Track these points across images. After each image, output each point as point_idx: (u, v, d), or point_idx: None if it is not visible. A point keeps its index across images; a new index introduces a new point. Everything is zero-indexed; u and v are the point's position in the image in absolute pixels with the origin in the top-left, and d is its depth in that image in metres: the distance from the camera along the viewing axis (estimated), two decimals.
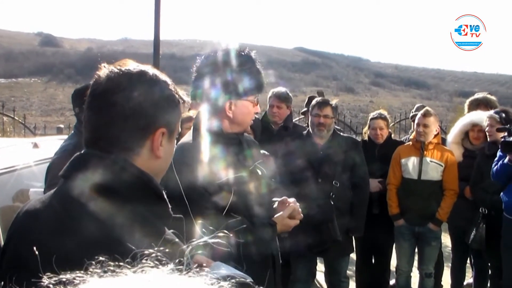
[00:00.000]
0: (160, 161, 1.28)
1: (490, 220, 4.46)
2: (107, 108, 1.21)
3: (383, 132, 4.98)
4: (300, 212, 2.46)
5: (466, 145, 4.89)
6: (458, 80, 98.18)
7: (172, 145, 1.34)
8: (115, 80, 1.21)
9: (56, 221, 1.14)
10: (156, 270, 0.72)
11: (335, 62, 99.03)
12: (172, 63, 59.36)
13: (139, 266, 0.73)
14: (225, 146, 2.36)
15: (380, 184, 4.82)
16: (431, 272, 4.77)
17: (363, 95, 70.23)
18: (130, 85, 1.21)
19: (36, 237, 1.11)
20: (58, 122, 22.39)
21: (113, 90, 1.21)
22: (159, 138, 1.24)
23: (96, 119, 1.24)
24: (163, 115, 1.25)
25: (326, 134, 4.32)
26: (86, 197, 1.13)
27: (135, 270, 0.72)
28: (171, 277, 0.70)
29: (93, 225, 1.09)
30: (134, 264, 0.74)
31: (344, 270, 4.63)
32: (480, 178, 4.56)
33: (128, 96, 1.20)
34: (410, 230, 4.72)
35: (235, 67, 2.29)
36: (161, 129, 1.24)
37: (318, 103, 4.36)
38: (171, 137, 1.30)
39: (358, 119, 29.89)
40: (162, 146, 1.26)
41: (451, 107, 44.83)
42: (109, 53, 69.64)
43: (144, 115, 1.21)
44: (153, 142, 1.24)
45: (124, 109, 1.19)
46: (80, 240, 1.06)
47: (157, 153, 1.25)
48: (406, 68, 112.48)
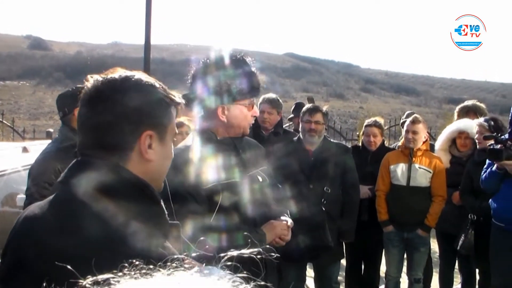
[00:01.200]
0: (153, 164, 1.30)
1: (479, 226, 4.50)
2: (94, 116, 1.25)
3: (376, 139, 5.02)
4: (288, 234, 2.44)
5: (454, 152, 4.94)
6: (447, 87, 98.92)
7: (167, 148, 1.34)
8: (99, 88, 1.26)
9: (58, 225, 1.16)
10: (184, 273, 0.76)
11: (325, 68, 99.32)
12: (162, 68, 59.22)
13: (168, 269, 0.77)
14: (217, 150, 2.37)
15: (370, 191, 4.87)
16: (420, 278, 4.81)
17: (353, 101, 70.48)
18: (114, 92, 1.25)
19: (41, 240, 1.13)
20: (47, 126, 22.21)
21: (98, 98, 1.25)
22: (146, 141, 1.26)
23: (86, 127, 1.28)
24: (148, 118, 1.27)
25: (317, 140, 4.36)
26: (80, 203, 1.16)
27: (165, 273, 0.76)
28: (199, 279, 0.74)
29: (94, 229, 1.11)
30: (164, 267, 0.78)
31: (335, 275, 4.66)
32: (470, 185, 4.61)
33: (112, 103, 1.24)
34: (399, 236, 4.75)
35: (227, 71, 2.31)
36: (147, 132, 1.26)
37: (309, 109, 4.41)
38: (163, 139, 1.31)
39: (348, 125, 30.04)
40: (152, 149, 1.27)
41: (440, 113, 45.16)
42: (99, 57, 69.37)
43: (128, 120, 1.24)
44: (140, 146, 1.26)
45: (109, 116, 1.23)
46: (82, 242, 1.09)
47: (146, 156, 1.27)
48: (396, 75, 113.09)
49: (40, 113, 47.30)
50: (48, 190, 2.82)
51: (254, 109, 2.47)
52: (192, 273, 0.76)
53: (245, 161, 2.44)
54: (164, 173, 1.38)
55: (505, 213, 4.09)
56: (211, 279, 0.75)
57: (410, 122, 4.74)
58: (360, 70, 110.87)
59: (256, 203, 2.39)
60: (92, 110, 1.26)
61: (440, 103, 68.39)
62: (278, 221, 2.41)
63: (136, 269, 0.78)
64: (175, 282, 0.72)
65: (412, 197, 4.64)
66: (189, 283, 0.73)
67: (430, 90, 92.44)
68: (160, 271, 0.77)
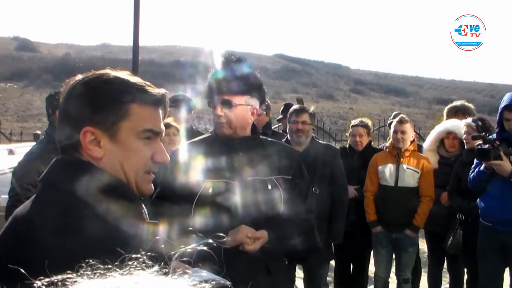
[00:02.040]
0: (106, 162, 1.27)
1: (467, 226, 4.53)
2: (60, 113, 1.31)
3: (362, 139, 5.03)
4: (251, 244, 2.28)
5: (442, 152, 4.97)
6: (437, 88, 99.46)
7: (125, 146, 1.28)
8: (67, 87, 1.31)
9: (39, 225, 1.16)
10: (143, 272, 0.76)
11: (315, 69, 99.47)
12: (151, 69, 58.95)
13: (126, 268, 0.77)
14: (212, 149, 2.41)
15: (356, 191, 4.86)
16: (408, 278, 4.82)
17: (342, 102, 70.63)
18: (72, 88, 1.28)
19: (37, 239, 1.12)
20: (35, 128, 22.08)
21: (64, 96, 1.31)
22: (86, 137, 1.24)
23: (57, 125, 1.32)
24: (88, 116, 1.24)
25: (305, 140, 4.36)
26: (52, 200, 1.19)
27: (122, 272, 0.75)
28: (156, 279, 0.74)
29: (80, 229, 1.12)
30: (122, 267, 0.78)
31: (324, 277, 4.66)
32: (458, 185, 4.63)
33: (65, 100, 1.29)
34: (387, 236, 4.76)
35: (226, 71, 2.34)
36: (85, 128, 1.24)
37: (295, 110, 4.45)
38: (114, 137, 1.27)
39: (338, 126, 30.09)
40: (100, 147, 1.25)
41: (429, 114, 45.41)
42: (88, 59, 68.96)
43: (71, 117, 1.27)
44: (82, 143, 1.25)
45: (62, 111, 1.29)
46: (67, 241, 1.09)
47: (89, 153, 1.25)
48: (386, 76, 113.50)
49: (28, 115, 46.94)
50: (32, 192, 2.79)
51: (256, 109, 2.46)
52: (151, 272, 0.76)
53: (241, 162, 2.40)
54: (135, 173, 1.31)
55: (492, 213, 4.11)
56: (169, 279, 0.75)
57: (397, 122, 4.75)
58: (350, 71, 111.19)
59: (246, 209, 2.33)
60: (61, 105, 1.32)
61: (429, 104, 68.73)
62: (246, 228, 2.29)
63: (93, 269, 0.77)
64: (132, 282, 0.71)
65: (400, 198, 4.66)
66: (146, 283, 0.72)
67: (420, 90, 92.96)
68: (117, 271, 0.76)
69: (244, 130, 2.45)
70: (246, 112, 2.40)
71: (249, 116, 2.43)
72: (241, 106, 2.38)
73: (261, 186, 2.37)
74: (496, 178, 4.07)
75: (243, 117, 2.40)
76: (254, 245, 2.27)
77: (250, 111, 2.42)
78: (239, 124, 2.40)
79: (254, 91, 2.41)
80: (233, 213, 2.32)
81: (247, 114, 2.42)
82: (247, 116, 2.42)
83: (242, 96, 2.37)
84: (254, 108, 2.44)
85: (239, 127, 2.41)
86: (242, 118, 2.40)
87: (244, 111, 2.39)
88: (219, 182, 2.35)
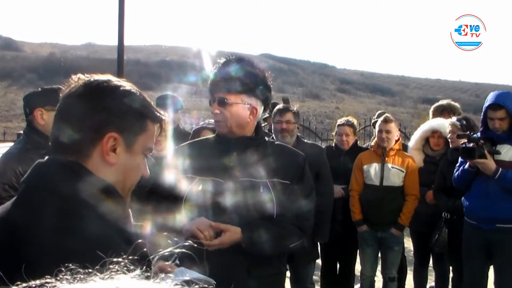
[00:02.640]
0: (115, 170, 1.28)
1: (452, 224, 4.55)
2: (62, 113, 1.28)
3: (349, 138, 5.02)
4: (207, 236, 2.23)
5: (427, 151, 4.99)
6: (422, 87, 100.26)
7: (134, 159, 1.32)
8: (73, 86, 1.27)
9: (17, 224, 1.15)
10: (124, 276, 0.75)
11: (301, 69, 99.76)
12: (137, 69, 58.68)
13: (107, 273, 0.76)
14: (208, 148, 2.44)
15: (343, 191, 4.88)
16: (394, 276, 4.84)
17: (329, 101, 70.95)
18: (82, 90, 1.26)
19: (35, 242, 1.11)
20: (19, 128, 21.86)
21: (69, 95, 1.27)
22: (109, 142, 1.24)
23: (56, 124, 1.28)
24: (113, 121, 1.25)
25: (290, 140, 4.34)
26: (36, 203, 1.16)
27: (103, 277, 0.74)
28: (137, 283, 0.73)
29: (62, 233, 1.10)
30: (102, 271, 0.77)
31: (310, 276, 4.67)
32: (443, 184, 4.65)
33: (78, 100, 1.25)
34: (373, 235, 4.78)
35: (224, 70, 2.36)
36: (111, 133, 1.24)
37: (278, 110, 4.44)
38: (130, 148, 1.29)
39: (324, 125, 30.19)
40: (116, 154, 1.26)
41: (415, 113, 45.79)
42: (73, 58, 68.43)
43: (92, 119, 1.24)
44: (102, 147, 1.25)
45: (74, 113, 1.25)
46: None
47: (107, 158, 1.25)
48: (372, 75, 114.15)
49: (12, 115, 46.48)
50: (7, 192, 2.75)
51: (257, 109, 2.45)
52: (133, 276, 0.75)
53: (233, 163, 2.38)
54: (128, 186, 1.35)
55: (477, 211, 4.14)
56: (151, 282, 0.74)
57: (382, 122, 4.76)
58: (336, 71, 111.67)
59: (233, 209, 2.30)
60: (63, 107, 1.28)
61: (415, 103, 69.34)
62: (205, 220, 2.27)
63: (73, 274, 0.76)
64: (113, 286, 0.71)
65: (385, 197, 4.67)
66: (127, 287, 0.71)
67: (405, 90, 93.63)
68: (98, 275, 0.75)
69: (242, 129, 2.41)
70: (243, 111, 2.37)
71: (247, 115, 2.39)
72: (237, 104, 2.35)
73: (252, 187, 2.33)
74: (480, 177, 4.10)
75: (239, 116, 2.37)
76: (214, 242, 2.23)
77: (248, 110, 2.39)
78: (235, 122, 2.38)
79: (253, 90, 2.37)
80: (220, 211, 2.30)
81: (245, 113, 2.38)
82: (244, 115, 2.38)
83: (238, 94, 2.35)
84: (253, 108, 2.40)
85: (236, 126, 2.38)
86: (238, 117, 2.37)
87: (241, 109, 2.37)
88: (209, 180, 2.34)
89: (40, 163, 1.26)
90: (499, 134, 4.06)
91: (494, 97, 4.08)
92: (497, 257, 4.14)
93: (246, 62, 2.41)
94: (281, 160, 2.45)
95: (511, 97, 4.11)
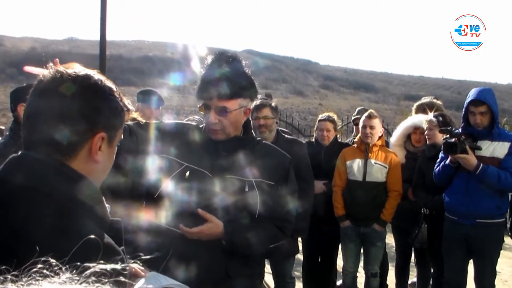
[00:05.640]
0: (99, 166, 1.27)
1: (432, 220, 4.59)
2: (46, 108, 1.20)
3: (329, 134, 5.03)
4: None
5: (409, 147, 5.03)
6: (405, 84, 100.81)
7: (112, 153, 1.33)
8: (58, 80, 1.20)
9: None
10: (45, 282, 0.70)
11: (284, 65, 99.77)
12: (119, 64, 58.10)
13: (25, 280, 0.71)
14: (200, 139, 2.39)
15: (325, 186, 4.87)
16: (376, 272, 4.87)
17: (312, 98, 71.05)
18: (74, 87, 1.21)
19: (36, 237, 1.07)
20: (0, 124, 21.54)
21: (55, 90, 1.20)
22: (98, 142, 1.23)
23: (35, 119, 1.21)
24: (103, 120, 1.24)
25: (269, 135, 4.30)
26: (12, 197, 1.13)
27: (23, 283, 0.70)
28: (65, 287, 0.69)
29: (35, 230, 1.08)
30: (23, 276, 0.72)
31: (289, 271, 4.67)
32: (422, 180, 4.69)
33: (71, 98, 1.19)
34: (355, 231, 4.80)
35: (219, 74, 2.27)
36: (101, 133, 1.23)
37: (255, 106, 4.32)
38: (111, 143, 1.30)
39: (307, 121, 30.20)
40: (101, 151, 1.25)
41: (398, 110, 46.09)
42: (54, 53, 67.44)
43: (84, 119, 1.21)
44: (91, 146, 1.23)
45: (63, 111, 1.18)
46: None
47: (95, 157, 1.24)
48: (355, 72, 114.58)
49: None
50: None
51: (247, 110, 2.42)
52: (60, 281, 0.71)
53: (221, 161, 2.34)
54: (103, 177, 1.34)
55: (458, 207, 4.18)
56: (77, 286, 0.71)
57: (366, 118, 4.78)
58: (319, 67, 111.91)
59: (217, 203, 2.29)
60: (46, 102, 1.20)
61: (398, 100, 69.80)
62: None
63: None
64: None
65: (368, 192, 4.69)
66: None
67: (388, 87, 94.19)
68: (15, 280, 0.70)
69: (236, 131, 2.40)
70: (239, 115, 2.35)
71: (242, 117, 2.38)
72: (235, 110, 2.31)
73: (237, 186, 2.31)
74: (461, 172, 4.14)
75: (237, 121, 2.36)
76: (193, 230, 2.23)
77: (243, 112, 2.37)
78: (233, 128, 2.35)
79: (247, 91, 2.34)
80: (204, 204, 2.27)
81: (241, 117, 2.37)
82: (240, 118, 2.37)
83: (236, 99, 2.30)
84: (247, 108, 2.39)
85: (233, 131, 2.36)
86: (236, 122, 2.35)
87: (238, 114, 2.34)
88: (198, 170, 2.30)
89: (21, 159, 1.22)
90: (479, 130, 4.11)
91: (476, 93, 4.11)
92: (477, 252, 4.18)
93: (237, 61, 2.36)
94: (268, 161, 2.43)
95: (492, 93, 4.16)
